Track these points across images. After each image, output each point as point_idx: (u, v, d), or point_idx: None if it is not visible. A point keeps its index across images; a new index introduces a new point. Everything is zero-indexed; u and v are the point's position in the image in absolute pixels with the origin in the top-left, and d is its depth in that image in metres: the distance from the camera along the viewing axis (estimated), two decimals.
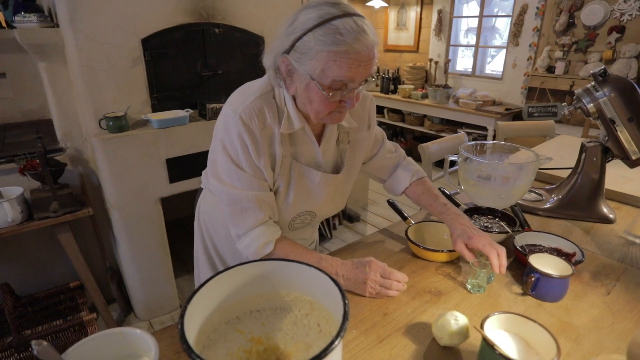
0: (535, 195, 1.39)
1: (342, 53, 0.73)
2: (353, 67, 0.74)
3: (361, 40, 0.72)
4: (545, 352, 0.65)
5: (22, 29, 1.67)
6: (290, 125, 0.88)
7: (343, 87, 0.78)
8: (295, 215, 0.99)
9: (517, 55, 4.00)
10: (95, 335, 0.61)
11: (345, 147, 1.00)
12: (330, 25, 0.73)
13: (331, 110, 0.82)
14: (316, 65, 0.75)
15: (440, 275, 0.98)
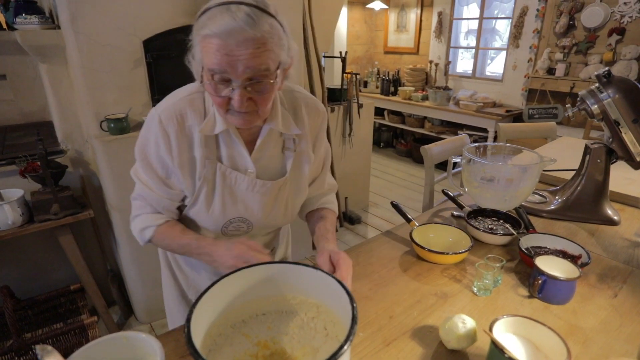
0: (539, 197, 1.39)
1: (208, 38, 0.69)
2: (219, 55, 0.68)
3: (225, 27, 0.67)
4: (554, 355, 0.64)
5: (23, 30, 1.67)
6: (212, 127, 0.83)
7: (227, 82, 0.72)
8: (225, 221, 0.93)
9: (517, 57, 4.00)
10: (100, 340, 0.60)
11: (291, 154, 0.93)
12: (206, 13, 0.70)
13: (227, 109, 0.76)
14: (198, 50, 0.73)
15: (446, 278, 0.97)
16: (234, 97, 0.73)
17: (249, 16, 0.68)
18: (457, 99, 4.21)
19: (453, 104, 4.25)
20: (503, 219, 1.20)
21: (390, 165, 4.78)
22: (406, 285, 0.95)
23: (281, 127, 0.88)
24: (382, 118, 5.13)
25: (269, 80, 0.73)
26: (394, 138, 5.39)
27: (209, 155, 0.86)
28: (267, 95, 0.76)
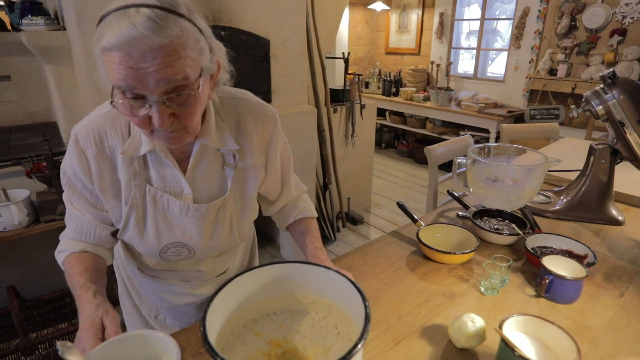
0: (544, 197, 1.40)
1: (107, 51, 0.59)
2: (122, 69, 0.58)
3: (123, 37, 0.57)
4: (563, 354, 0.65)
5: (29, 32, 1.68)
6: (136, 148, 0.75)
7: (141, 99, 0.62)
8: (161, 247, 0.86)
9: (519, 57, 4.01)
10: (118, 338, 0.61)
11: (232, 171, 0.85)
12: (102, 21, 0.60)
13: (150, 129, 0.67)
14: (99, 68, 0.63)
15: (453, 278, 0.98)
16: (153, 116, 0.63)
17: (152, 20, 0.58)
18: (458, 99, 4.22)
19: (455, 105, 4.26)
20: (509, 219, 1.21)
21: (392, 165, 4.79)
22: (414, 285, 0.95)
23: (215, 142, 0.79)
24: (383, 119, 5.14)
25: (191, 92, 0.64)
26: (396, 139, 5.40)
27: (136, 177, 0.78)
28: (192, 108, 0.66)
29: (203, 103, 0.70)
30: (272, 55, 2.25)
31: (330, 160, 2.93)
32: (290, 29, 2.29)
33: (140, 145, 0.75)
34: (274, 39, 2.22)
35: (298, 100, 2.50)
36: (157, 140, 0.70)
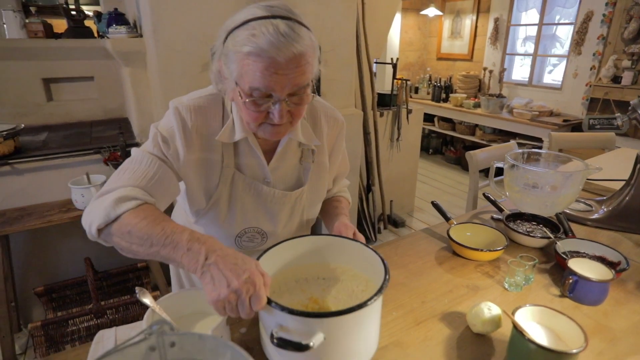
0: (585, 205, 1.39)
1: (254, 56, 0.65)
2: (267, 74, 0.66)
3: (276, 45, 0.64)
4: (573, 342, 0.69)
5: (113, 38, 1.93)
6: (231, 135, 0.81)
7: (267, 97, 0.70)
8: (240, 230, 0.91)
9: (579, 64, 3.83)
10: (180, 291, 0.75)
11: (309, 165, 0.92)
12: (248, 26, 0.66)
13: (261, 122, 0.74)
14: (236, 68, 0.69)
15: (479, 273, 1.03)
16: (274, 112, 0.71)
17: (294, 31, 0.65)
18: (511, 107, 4.10)
19: (506, 112, 4.15)
20: (543, 224, 1.23)
21: (438, 172, 4.74)
22: (440, 276, 1.02)
23: (301, 137, 0.87)
24: (432, 124, 5.10)
25: (307, 93, 0.73)
26: (444, 145, 5.33)
27: (228, 162, 0.84)
28: (304, 107, 0.75)
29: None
30: (322, 61, 2.37)
31: (374, 163, 3.01)
32: (341, 36, 2.40)
33: (234, 133, 0.81)
34: (324, 45, 2.34)
35: (345, 104, 2.61)
36: (263, 132, 0.76)
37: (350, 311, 0.60)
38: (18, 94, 2.31)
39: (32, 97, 2.37)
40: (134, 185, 0.74)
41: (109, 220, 0.68)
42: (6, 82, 2.24)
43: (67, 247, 2.12)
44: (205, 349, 0.53)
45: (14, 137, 1.85)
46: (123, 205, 0.69)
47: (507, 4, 4.34)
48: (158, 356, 0.54)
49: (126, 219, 0.68)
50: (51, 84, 2.46)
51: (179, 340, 0.54)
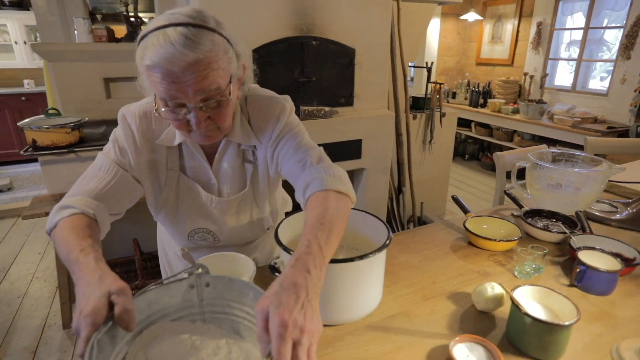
0: (610, 206, 1.39)
1: (150, 69, 0.66)
2: (165, 83, 0.66)
3: (166, 56, 0.63)
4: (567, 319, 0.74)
5: None
6: (171, 139, 0.85)
7: (182, 106, 0.71)
8: (191, 230, 0.96)
9: (627, 69, 3.68)
10: (216, 254, 0.88)
11: (250, 166, 0.93)
12: (145, 39, 0.67)
13: (188, 129, 0.76)
14: (144, 82, 0.71)
15: (491, 262, 1.08)
16: (192, 120, 0.72)
17: (187, 38, 0.64)
18: (551, 113, 4.00)
19: (547, 119, 4.04)
20: (562, 221, 1.25)
21: (473, 177, 4.68)
22: (453, 262, 1.08)
23: (239, 138, 0.87)
24: (468, 130, 5.04)
25: (222, 98, 0.72)
26: (480, 151, 5.25)
27: (173, 165, 0.89)
28: (225, 111, 0.75)
29: (233, 105, 0.78)
30: (357, 63, 2.48)
31: (405, 164, 3.05)
32: (375, 39, 2.49)
33: (174, 137, 0.85)
34: (359, 47, 2.44)
35: (378, 105, 2.69)
36: (195, 139, 0.79)
37: (337, 262, 0.73)
38: (82, 92, 2.59)
39: (94, 95, 2.64)
40: (85, 194, 0.77)
41: (51, 226, 0.72)
42: (74, 81, 2.52)
43: (118, 228, 2.34)
44: (234, 289, 0.65)
45: (79, 128, 2.09)
46: (59, 214, 0.72)
47: (551, 7, 4.24)
48: (196, 293, 0.66)
49: (58, 228, 0.71)
50: (110, 83, 2.72)
51: (213, 282, 0.66)
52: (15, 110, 4.62)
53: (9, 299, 2.36)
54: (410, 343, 0.78)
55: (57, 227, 0.71)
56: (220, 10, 1.99)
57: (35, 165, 4.76)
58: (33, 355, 1.93)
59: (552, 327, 0.72)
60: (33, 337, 2.05)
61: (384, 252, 0.81)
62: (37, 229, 3.21)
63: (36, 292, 2.43)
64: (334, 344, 0.78)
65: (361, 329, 0.82)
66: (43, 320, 2.17)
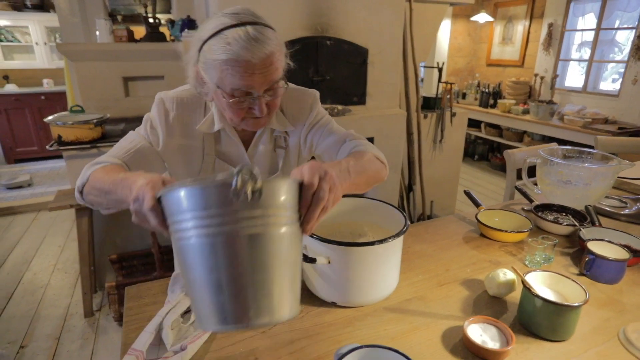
0: (620, 202, 1.42)
1: (232, 62, 0.73)
2: (246, 75, 0.74)
3: (250, 48, 0.72)
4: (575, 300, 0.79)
5: (186, 41, 2.21)
6: (210, 126, 0.90)
7: (247, 95, 0.78)
8: None
9: (639, 70, 3.68)
10: None
11: (282, 152, 1.00)
12: (221, 35, 0.73)
13: (243, 117, 0.83)
14: (215, 74, 0.76)
15: (503, 252, 1.13)
16: (256, 107, 0.80)
17: (261, 34, 0.73)
18: (562, 113, 4.00)
19: (557, 119, 4.05)
20: (571, 215, 1.29)
21: (483, 177, 4.70)
22: (465, 252, 1.13)
23: (275, 125, 0.94)
24: (478, 130, 5.06)
25: (280, 87, 0.82)
26: (490, 151, 5.26)
27: (209, 151, 0.94)
28: (278, 99, 0.84)
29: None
30: (370, 63, 2.53)
31: (416, 162, 3.10)
32: (388, 40, 2.54)
33: (213, 124, 0.91)
34: (372, 47, 2.49)
35: (390, 104, 2.74)
36: (246, 125, 0.86)
37: (348, 245, 0.79)
38: (103, 90, 2.67)
39: (113, 93, 2.73)
40: (112, 156, 0.84)
41: (84, 181, 0.78)
42: (95, 80, 2.61)
43: None
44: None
45: (101, 124, 2.17)
46: (92, 168, 0.80)
47: (562, 9, 4.25)
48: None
49: (92, 177, 0.77)
50: (129, 82, 2.81)
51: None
52: (35, 109, 4.74)
53: (33, 288, 2.45)
54: (426, 324, 0.83)
55: (90, 179, 0.77)
56: None
57: (53, 162, 4.88)
58: (57, 341, 2.01)
59: (562, 308, 0.76)
60: (56, 325, 2.13)
61: (401, 238, 0.86)
62: (57, 222, 3.30)
63: (58, 282, 2.52)
64: (354, 323, 0.83)
65: (380, 310, 0.87)
66: (65, 309, 2.25)
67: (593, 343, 0.78)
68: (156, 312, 0.82)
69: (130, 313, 0.85)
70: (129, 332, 0.79)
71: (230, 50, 0.72)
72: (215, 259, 0.51)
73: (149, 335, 0.74)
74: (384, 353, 0.66)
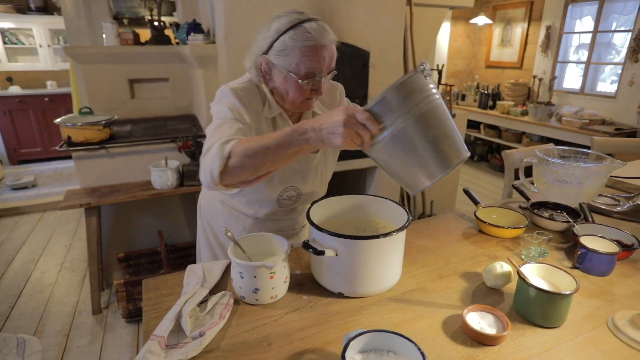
0: (613, 200, 1.48)
1: (311, 47, 0.90)
2: (321, 59, 0.91)
3: (325, 36, 0.91)
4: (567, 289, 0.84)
5: (192, 45, 2.26)
6: (272, 111, 1.04)
7: (313, 77, 0.94)
8: (281, 189, 1.10)
9: (635, 72, 3.74)
10: (253, 234, 0.99)
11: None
12: (300, 27, 0.90)
13: (304, 98, 0.98)
14: (292, 60, 0.91)
15: (500, 247, 1.18)
16: (318, 87, 0.97)
17: (326, 26, 0.94)
18: (560, 115, 4.06)
19: (555, 120, 4.11)
20: (566, 212, 1.34)
21: (483, 178, 4.75)
22: (464, 247, 1.18)
23: (316, 108, 1.11)
24: (477, 131, 5.12)
25: (333, 70, 0.98)
26: (489, 152, 5.32)
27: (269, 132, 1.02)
28: (330, 81, 1.00)
29: None
30: (371, 65, 2.58)
31: None
32: (389, 43, 2.60)
33: (271, 110, 1.04)
34: (373, 50, 2.55)
35: None
36: (303, 106, 1.02)
37: (354, 238, 0.84)
38: (109, 92, 2.73)
39: (120, 95, 2.78)
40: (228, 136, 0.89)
41: (224, 158, 0.82)
42: (101, 82, 2.67)
43: (144, 221, 2.48)
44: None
45: (109, 126, 2.23)
46: (228, 145, 0.84)
47: (560, 11, 4.31)
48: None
49: (237, 150, 0.82)
50: (134, 84, 2.86)
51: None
52: (39, 111, 4.80)
53: (41, 287, 2.50)
54: (428, 312, 0.88)
55: (235, 151, 0.82)
56: (243, 15, 2.11)
57: (57, 163, 4.94)
58: (66, 338, 2.06)
59: (554, 296, 0.81)
60: (65, 321, 2.18)
61: (404, 232, 0.91)
62: (63, 222, 3.36)
63: (65, 281, 2.57)
64: (361, 312, 0.89)
65: (384, 300, 0.93)
66: (74, 307, 2.31)
67: (583, 329, 0.83)
68: (173, 302, 0.88)
69: (149, 303, 0.90)
70: (149, 320, 0.84)
71: (312, 38, 0.90)
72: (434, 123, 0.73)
73: (169, 323, 0.79)
74: (389, 337, 0.72)
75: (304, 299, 0.93)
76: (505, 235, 1.22)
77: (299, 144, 0.79)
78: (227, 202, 1.22)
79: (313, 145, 0.79)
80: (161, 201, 2.50)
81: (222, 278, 1.00)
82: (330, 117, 0.75)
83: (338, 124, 0.73)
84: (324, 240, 0.89)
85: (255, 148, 0.81)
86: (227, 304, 0.87)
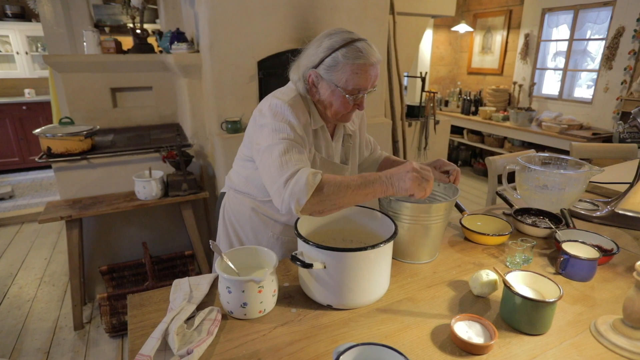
0: (592, 205, 1.52)
1: (362, 65, 0.98)
2: (368, 77, 1.00)
3: (374, 55, 0.99)
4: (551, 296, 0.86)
5: (176, 54, 2.24)
6: (316, 123, 1.11)
7: (358, 93, 1.02)
8: None
9: (609, 79, 3.87)
10: (240, 248, 0.98)
11: (349, 146, 1.26)
12: (352, 46, 0.98)
13: (349, 110, 1.06)
14: (342, 75, 1.00)
15: (486, 254, 1.20)
16: (361, 102, 1.06)
17: (376, 48, 1.03)
18: (540, 120, 4.17)
19: (535, 126, 4.21)
20: (548, 218, 1.37)
21: (466, 182, 4.83)
22: (451, 255, 1.20)
23: (350, 124, 1.22)
24: (461, 137, 5.20)
25: (375, 87, 1.07)
26: (473, 157, 5.41)
27: (311, 144, 1.12)
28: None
29: None
30: None
31: None
32: None
33: (317, 122, 1.12)
34: None
35: (375, 113, 2.82)
36: (343, 119, 1.11)
37: (342, 250, 0.85)
38: (91, 101, 2.68)
39: (102, 104, 2.73)
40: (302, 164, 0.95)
41: (314, 187, 0.88)
42: (83, 91, 2.61)
43: (127, 232, 2.43)
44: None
45: (91, 136, 2.18)
46: (317, 176, 0.90)
47: (537, 20, 4.44)
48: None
49: (329, 182, 0.90)
50: (117, 93, 2.82)
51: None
52: (16, 120, 4.68)
53: (19, 302, 2.42)
54: (416, 323, 0.89)
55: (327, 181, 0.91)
56: (228, 25, 2.11)
57: (35, 174, 4.81)
58: (46, 355, 2.00)
59: (539, 304, 0.83)
60: (45, 338, 2.12)
61: (391, 244, 0.92)
62: (42, 235, 3.26)
63: (45, 296, 2.49)
64: (349, 324, 0.88)
65: (372, 312, 0.93)
66: (54, 323, 2.24)
67: (568, 335, 0.85)
68: (159, 319, 0.86)
69: (134, 321, 0.88)
70: (134, 339, 0.82)
71: (363, 57, 0.98)
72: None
73: (155, 341, 0.78)
74: (378, 350, 0.72)
75: (293, 312, 0.92)
76: (490, 243, 1.24)
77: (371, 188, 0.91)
78: (258, 208, 1.23)
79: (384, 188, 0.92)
80: (145, 212, 2.45)
81: (210, 292, 0.99)
82: (398, 171, 0.92)
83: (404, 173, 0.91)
84: (311, 252, 0.89)
85: (348, 183, 0.91)
86: (215, 320, 0.86)
